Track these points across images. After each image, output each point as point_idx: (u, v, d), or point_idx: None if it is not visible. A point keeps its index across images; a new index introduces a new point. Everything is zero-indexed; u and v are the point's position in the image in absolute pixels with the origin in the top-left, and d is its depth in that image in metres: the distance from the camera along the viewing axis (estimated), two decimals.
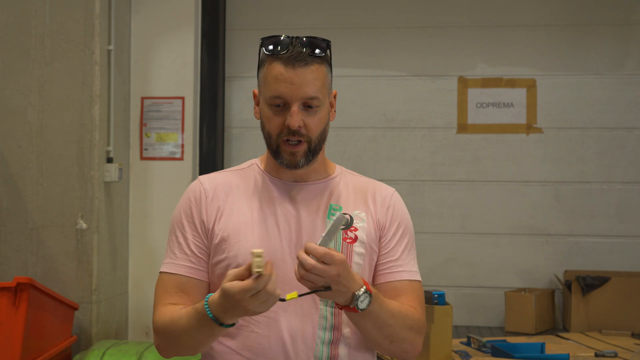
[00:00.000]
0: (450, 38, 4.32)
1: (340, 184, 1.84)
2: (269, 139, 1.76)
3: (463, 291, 4.25)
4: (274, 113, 1.72)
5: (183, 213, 1.80)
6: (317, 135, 1.74)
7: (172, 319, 1.69)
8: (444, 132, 4.33)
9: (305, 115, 1.71)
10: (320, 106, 1.73)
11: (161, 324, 1.73)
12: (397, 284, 1.79)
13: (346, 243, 1.75)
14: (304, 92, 1.69)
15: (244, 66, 4.38)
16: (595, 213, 4.24)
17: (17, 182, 3.77)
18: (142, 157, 4.14)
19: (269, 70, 1.72)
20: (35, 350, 3.30)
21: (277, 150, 1.74)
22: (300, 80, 1.69)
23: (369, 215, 1.80)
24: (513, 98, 4.28)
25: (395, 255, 1.80)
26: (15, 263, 3.75)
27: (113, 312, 3.95)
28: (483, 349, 3.47)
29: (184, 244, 1.77)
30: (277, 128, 1.72)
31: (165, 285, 1.77)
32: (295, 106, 1.70)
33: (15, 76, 3.78)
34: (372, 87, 4.35)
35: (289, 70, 1.69)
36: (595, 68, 4.26)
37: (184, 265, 1.77)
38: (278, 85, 1.70)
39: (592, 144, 4.25)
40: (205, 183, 1.81)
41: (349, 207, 1.80)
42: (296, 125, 1.69)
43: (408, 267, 1.82)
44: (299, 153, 1.73)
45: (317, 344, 1.71)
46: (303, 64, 1.69)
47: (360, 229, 1.77)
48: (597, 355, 3.39)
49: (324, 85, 1.74)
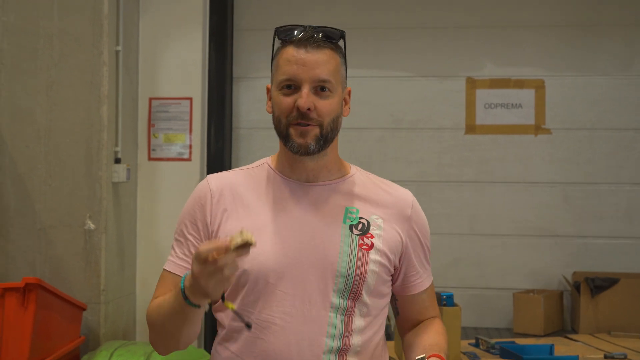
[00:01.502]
0: (458, 39, 4.32)
1: (356, 185, 1.77)
2: (278, 124, 1.70)
3: (471, 292, 4.24)
4: (284, 95, 1.68)
5: (187, 214, 1.77)
6: (328, 120, 1.68)
7: (158, 305, 1.68)
8: (452, 133, 4.32)
9: (316, 99, 1.66)
10: (333, 92, 1.68)
11: (149, 316, 1.72)
12: (421, 295, 1.84)
13: (362, 250, 1.69)
14: (315, 73, 1.65)
15: (252, 67, 4.38)
16: (603, 214, 4.22)
17: (25, 183, 3.77)
18: (150, 157, 4.14)
19: (280, 55, 1.69)
20: (43, 350, 3.30)
21: (287, 134, 1.68)
22: (312, 61, 1.65)
23: (386, 222, 1.75)
24: (521, 99, 4.27)
25: (419, 267, 1.82)
26: (23, 263, 3.75)
27: (121, 313, 3.95)
28: (491, 351, 3.46)
29: (184, 244, 1.75)
30: (287, 109, 1.67)
31: (163, 282, 1.76)
32: (305, 87, 1.65)
33: (23, 76, 3.78)
34: (380, 88, 4.35)
35: (301, 51, 1.66)
36: (604, 69, 4.24)
37: (180, 265, 1.74)
38: (289, 67, 1.66)
39: (600, 144, 4.23)
40: (212, 183, 1.77)
41: (366, 211, 1.74)
42: (306, 106, 1.64)
43: (427, 274, 1.84)
44: (310, 135, 1.66)
45: (325, 352, 1.66)
46: (315, 46, 1.66)
47: (377, 237, 1.72)
48: (607, 357, 3.37)
49: (337, 72, 1.69)
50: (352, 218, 1.72)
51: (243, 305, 1.69)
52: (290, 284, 1.66)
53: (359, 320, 1.70)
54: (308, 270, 1.67)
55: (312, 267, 1.67)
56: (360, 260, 1.69)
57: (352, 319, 1.69)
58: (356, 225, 1.72)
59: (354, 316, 1.69)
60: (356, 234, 1.71)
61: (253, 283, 1.67)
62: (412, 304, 1.84)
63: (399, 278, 1.80)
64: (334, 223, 1.71)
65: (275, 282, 1.66)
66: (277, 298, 1.66)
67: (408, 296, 1.83)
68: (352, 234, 1.71)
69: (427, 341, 1.76)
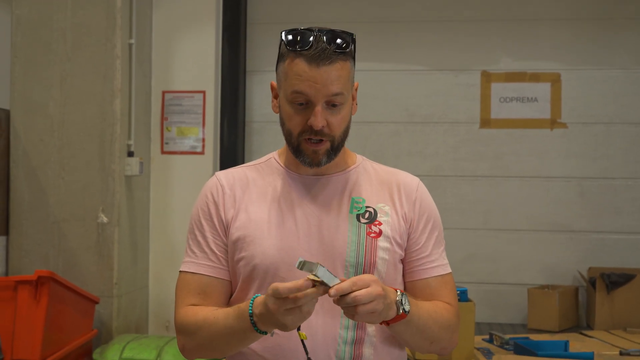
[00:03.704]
0: (473, 32, 4.28)
1: (362, 175, 1.78)
2: (289, 136, 1.69)
3: (485, 287, 4.21)
4: (295, 111, 1.65)
5: (201, 211, 1.76)
6: (340, 134, 1.67)
7: (205, 319, 1.65)
8: (466, 127, 4.28)
9: (328, 114, 1.64)
10: (344, 103, 1.66)
11: (186, 324, 1.68)
12: (430, 281, 1.76)
13: (370, 238, 1.69)
14: (328, 90, 1.62)
15: (265, 60, 4.36)
16: (620, 209, 4.18)
17: (39, 176, 3.78)
18: (163, 151, 4.14)
19: (291, 67, 1.64)
20: (56, 343, 3.30)
21: (299, 149, 1.68)
22: (325, 79, 1.61)
23: (393, 209, 1.74)
24: (537, 93, 4.23)
25: (427, 251, 1.76)
26: (37, 256, 3.76)
27: (133, 306, 3.95)
28: (505, 346, 3.44)
29: (203, 242, 1.74)
30: (299, 126, 1.66)
31: (187, 285, 1.73)
32: (319, 106, 1.63)
33: (37, 70, 3.79)
34: (395, 82, 4.32)
35: (313, 68, 1.61)
36: (621, 62, 4.19)
37: (204, 264, 1.73)
38: (301, 83, 1.62)
39: (617, 139, 4.19)
40: (222, 179, 1.77)
41: (372, 199, 1.74)
42: (320, 126, 1.63)
43: (439, 262, 1.78)
44: (321, 152, 1.66)
45: (339, 343, 1.66)
46: (328, 63, 1.61)
47: (384, 223, 1.72)
48: (622, 354, 3.33)
49: (347, 81, 1.67)
50: (359, 208, 1.72)
51: None
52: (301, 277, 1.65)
53: None
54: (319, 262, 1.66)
55: (322, 259, 1.67)
56: (369, 248, 1.69)
57: None
58: (363, 214, 1.72)
59: None
60: (363, 223, 1.70)
61: (263, 278, 1.67)
62: (421, 290, 1.75)
63: (406, 263, 1.76)
64: (341, 214, 1.71)
65: (286, 275, 1.66)
66: None
67: (417, 282, 1.76)
68: (360, 223, 1.70)
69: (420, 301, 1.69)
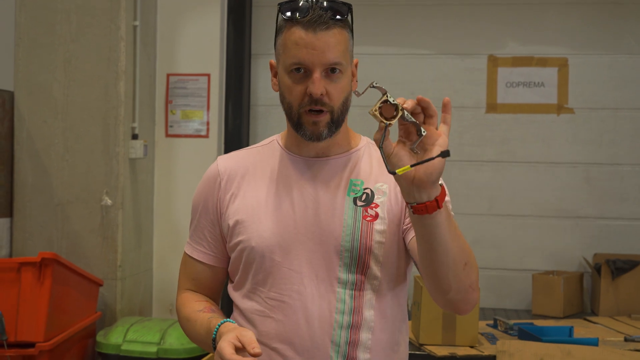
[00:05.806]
0: (480, 16, 4.24)
1: (364, 157, 1.75)
2: (289, 110, 1.67)
3: (490, 273, 4.20)
4: (294, 81, 1.63)
5: (199, 197, 1.80)
6: (339, 104, 1.65)
7: (188, 317, 1.74)
8: (472, 112, 4.26)
9: (327, 83, 1.62)
10: (343, 73, 1.64)
11: (178, 313, 1.80)
12: None
13: (366, 222, 1.66)
14: (326, 57, 1.60)
15: (270, 43, 4.27)
16: (626, 196, 4.16)
17: (43, 158, 3.77)
18: (168, 134, 4.13)
19: (287, 36, 1.63)
20: (59, 325, 3.30)
21: (299, 122, 1.65)
22: (322, 44, 1.60)
23: (392, 187, 1.70)
24: (544, 77, 4.20)
25: None
26: (41, 239, 3.76)
27: (137, 289, 3.95)
28: (510, 332, 3.43)
29: (198, 228, 1.79)
30: (299, 97, 1.63)
31: (184, 267, 1.83)
32: (317, 72, 1.61)
33: (41, 52, 3.77)
34: (401, 66, 4.29)
35: (310, 34, 1.60)
36: (629, 47, 4.16)
37: (197, 249, 1.80)
38: (298, 50, 1.61)
39: (624, 125, 4.16)
40: (221, 165, 1.79)
41: (370, 181, 1.71)
42: (319, 93, 1.60)
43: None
44: (322, 123, 1.64)
45: (335, 328, 1.64)
46: (324, 28, 1.60)
47: (380, 205, 1.68)
48: (627, 340, 3.33)
49: (346, 51, 1.65)
50: (356, 190, 1.70)
51: (254, 285, 1.70)
52: (296, 261, 1.66)
53: (371, 294, 1.67)
54: (314, 247, 1.66)
55: (318, 243, 1.66)
56: (364, 232, 1.66)
57: (363, 293, 1.66)
58: (360, 196, 1.69)
59: (364, 290, 1.66)
60: (360, 206, 1.68)
61: (260, 261, 1.68)
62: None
63: (408, 233, 1.68)
64: (338, 197, 1.69)
65: (282, 259, 1.67)
66: (284, 276, 1.66)
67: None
68: (356, 207, 1.68)
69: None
